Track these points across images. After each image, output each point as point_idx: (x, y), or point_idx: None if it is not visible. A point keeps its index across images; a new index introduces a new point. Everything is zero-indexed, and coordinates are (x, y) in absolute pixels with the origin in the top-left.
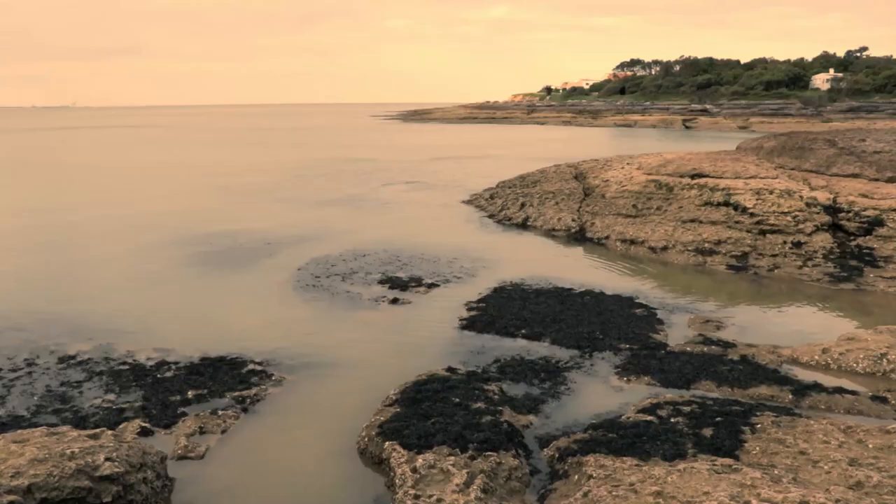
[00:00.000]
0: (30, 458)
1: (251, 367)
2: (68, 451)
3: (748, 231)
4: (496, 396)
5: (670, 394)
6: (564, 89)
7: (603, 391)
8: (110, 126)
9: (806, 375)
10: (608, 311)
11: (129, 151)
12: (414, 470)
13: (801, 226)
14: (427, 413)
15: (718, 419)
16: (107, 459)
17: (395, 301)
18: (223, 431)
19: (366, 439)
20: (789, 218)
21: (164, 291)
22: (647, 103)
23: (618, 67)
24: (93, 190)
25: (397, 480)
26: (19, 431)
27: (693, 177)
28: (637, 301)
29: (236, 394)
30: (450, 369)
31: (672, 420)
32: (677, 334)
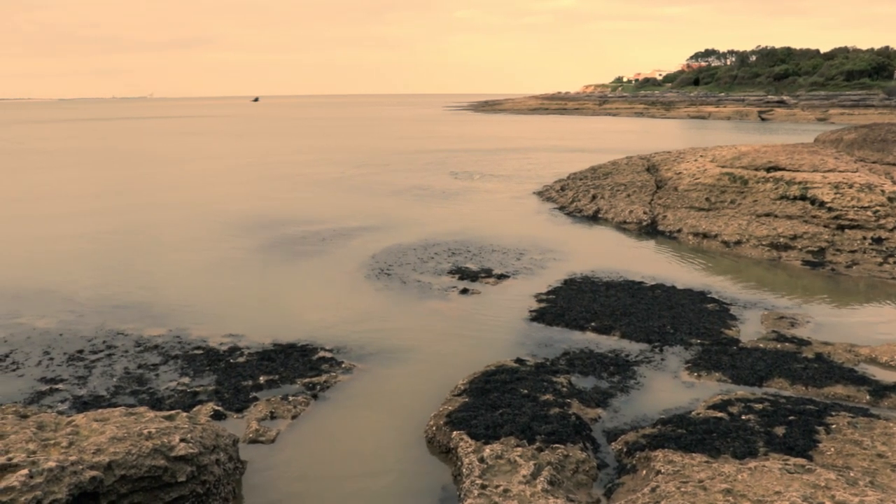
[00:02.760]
0: (110, 437)
1: (321, 354)
2: (145, 431)
3: (825, 226)
4: (564, 389)
5: (742, 391)
6: (637, 80)
7: (672, 386)
8: (184, 116)
9: (885, 376)
10: (679, 306)
11: (202, 140)
12: (481, 460)
13: (882, 221)
14: (495, 404)
15: (791, 418)
16: (182, 440)
17: (464, 291)
18: (293, 417)
19: (434, 428)
20: (870, 213)
21: (236, 278)
22: (722, 94)
23: (692, 58)
24: (167, 178)
25: (464, 470)
26: (100, 410)
27: (768, 170)
28: (709, 296)
29: (307, 380)
30: (518, 360)
31: (743, 417)
32: (750, 330)
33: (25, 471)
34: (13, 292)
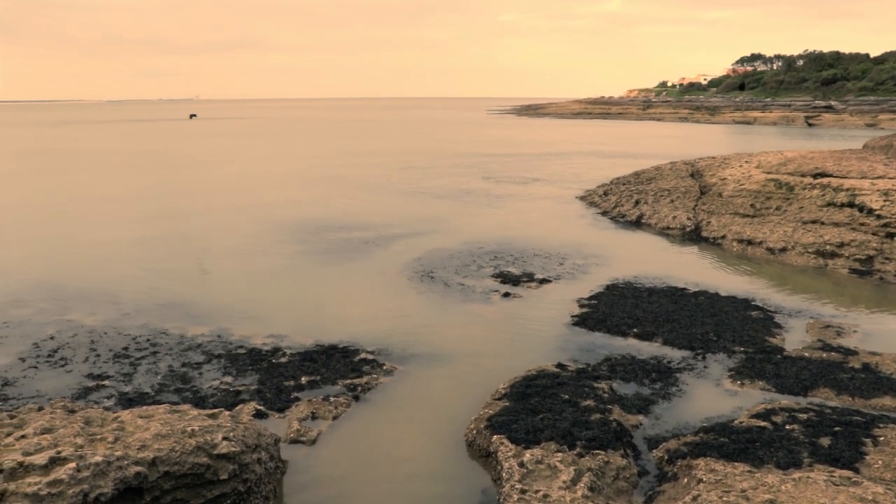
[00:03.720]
0: (154, 433)
1: (363, 355)
2: (189, 429)
3: (874, 234)
4: (606, 395)
5: (786, 400)
6: (681, 85)
7: (715, 394)
8: (229, 118)
9: None
10: (723, 313)
11: (246, 142)
12: (521, 464)
13: None
14: (536, 408)
15: (837, 429)
16: (224, 439)
17: (506, 295)
18: (334, 418)
19: (474, 432)
20: None
21: (279, 279)
22: (768, 100)
23: (737, 62)
24: (212, 181)
25: (504, 474)
26: (145, 407)
27: (815, 176)
28: (753, 303)
29: (348, 381)
30: (560, 365)
31: (787, 427)
32: (795, 339)
33: (73, 464)
34: (63, 290)
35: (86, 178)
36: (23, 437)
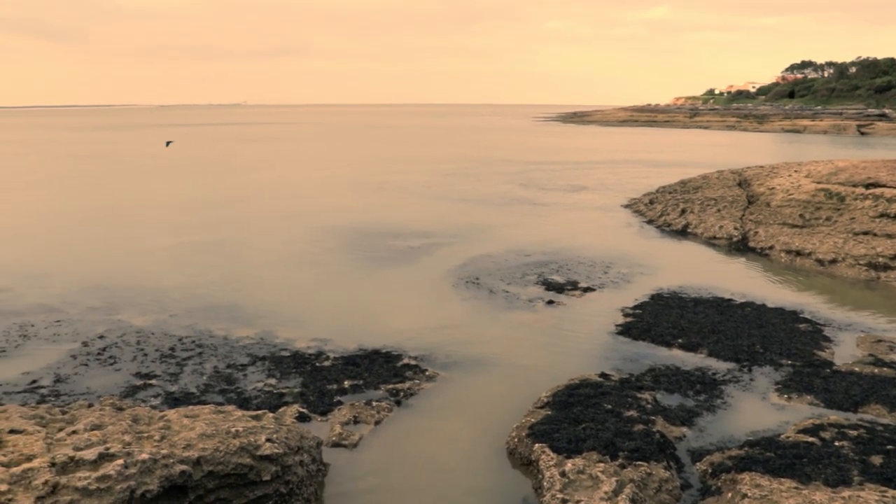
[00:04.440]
0: (199, 433)
1: (406, 361)
2: (233, 430)
3: None
4: (649, 405)
5: (835, 415)
6: (729, 92)
7: (761, 407)
8: (275, 122)
9: None
10: (770, 325)
11: (292, 147)
12: (563, 474)
13: None
14: (578, 418)
15: (890, 447)
16: (267, 440)
17: (550, 303)
18: (377, 422)
19: (515, 440)
20: None
21: (324, 283)
22: (819, 108)
23: (787, 70)
24: (261, 186)
25: (545, 483)
26: (190, 407)
27: (867, 186)
28: (801, 315)
29: (390, 386)
30: (603, 375)
31: (836, 444)
32: (845, 353)
33: (121, 461)
34: (112, 291)
35: (137, 182)
36: (74, 432)
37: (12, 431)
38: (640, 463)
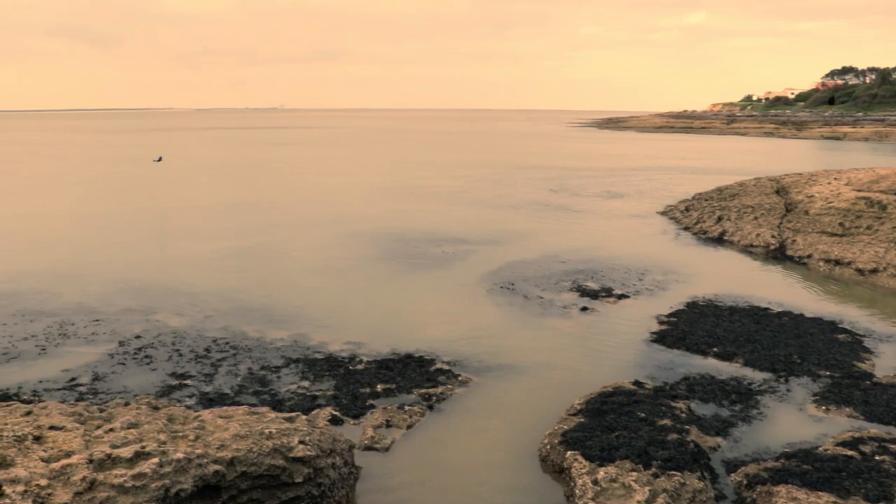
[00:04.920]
0: (233, 434)
1: (439, 365)
2: (266, 431)
3: None
4: (683, 415)
5: (875, 429)
6: (767, 99)
7: (798, 419)
8: (311, 126)
9: None
10: (807, 335)
11: (327, 152)
12: (595, 482)
13: None
14: (611, 425)
15: None
16: (300, 442)
17: (584, 309)
18: (408, 427)
19: (548, 447)
20: None
21: (358, 287)
22: (860, 114)
23: (827, 75)
24: (296, 190)
25: (577, 491)
26: (224, 408)
27: None
28: (840, 326)
29: (423, 391)
30: (636, 383)
31: (877, 458)
32: (886, 365)
33: (156, 459)
34: (150, 293)
35: (175, 186)
36: (111, 430)
37: (52, 428)
38: (673, 473)
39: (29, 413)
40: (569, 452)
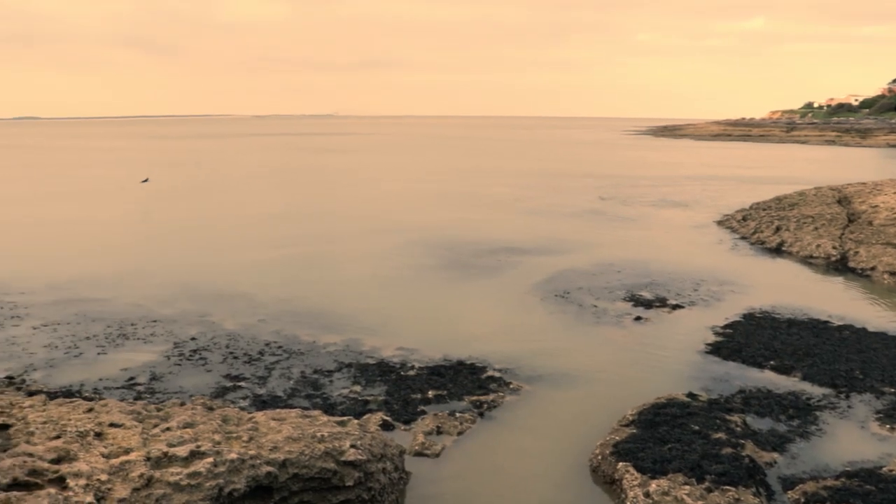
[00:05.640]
0: (286, 436)
1: (490, 373)
2: (318, 434)
3: None
4: (738, 428)
5: None
6: (829, 105)
7: (860, 437)
8: (366, 133)
9: None
10: (871, 350)
11: (381, 158)
12: (647, 494)
13: None
14: (664, 438)
15: None
16: (352, 446)
17: (637, 319)
18: (459, 433)
19: (599, 457)
20: None
21: (410, 293)
22: None
23: (893, 81)
24: (349, 196)
25: (628, 503)
26: (277, 410)
27: None
28: None
29: (474, 398)
30: (690, 395)
31: None
32: None
33: (211, 459)
34: (205, 295)
35: (230, 192)
36: (167, 429)
37: (112, 425)
38: (727, 487)
39: (90, 410)
40: (620, 464)
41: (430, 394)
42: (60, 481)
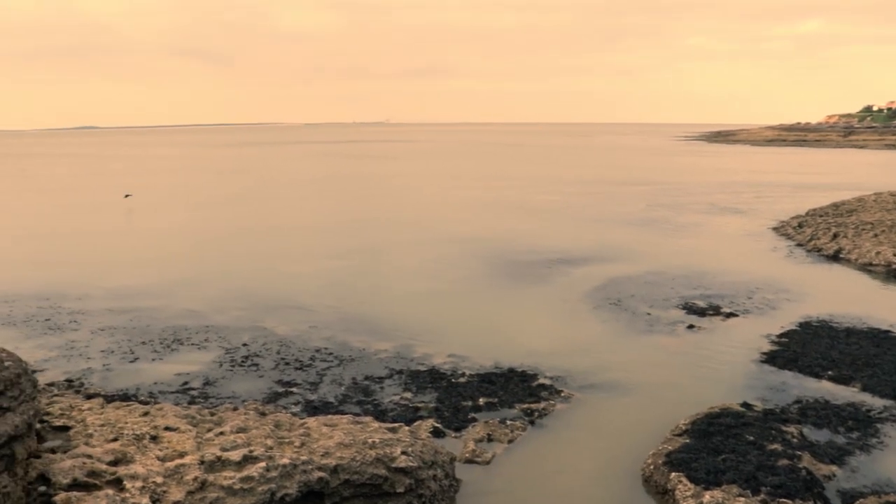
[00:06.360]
0: (337, 442)
1: (542, 380)
2: (370, 441)
3: None
4: (795, 440)
5: None
6: (889, 109)
7: None
8: (417, 140)
9: None
10: None
11: (432, 164)
12: None
13: None
14: (718, 448)
15: None
16: (403, 453)
17: (691, 327)
18: (510, 441)
19: (651, 467)
20: None
21: (461, 301)
22: None
23: None
24: (401, 203)
25: None
26: (329, 416)
27: None
28: None
29: (525, 406)
30: (745, 405)
31: None
32: None
33: (263, 464)
34: (257, 301)
35: (284, 199)
36: (221, 433)
37: (167, 429)
38: (783, 500)
39: (146, 414)
40: (673, 474)
41: (481, 401)
42: (118, 483)
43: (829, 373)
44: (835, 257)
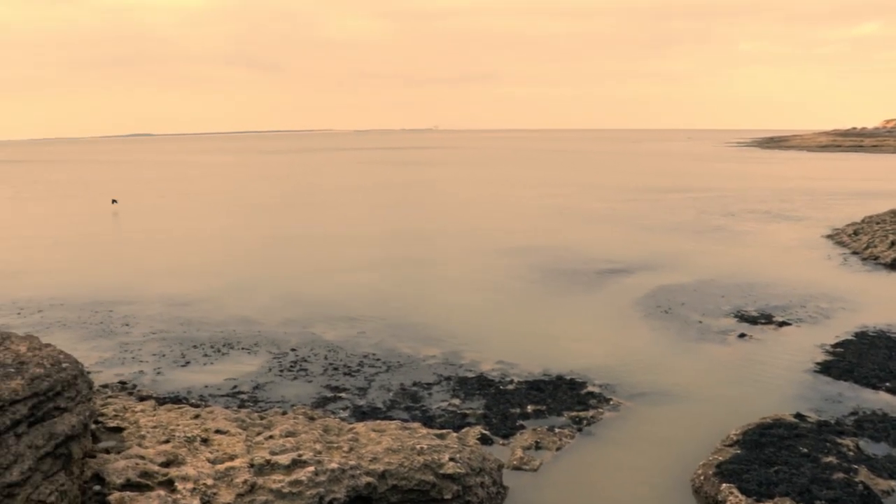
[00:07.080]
0: (385, 447)
1: (590, 388)
2: (418, 447)
3: None
4: (851, 453)
5: None
6: None
7: None
8: (465, 147)
9: None
10: None
11: (479, 171)
12: None
13: None
14: (770, 459)
15: None
16: (451, 459)
17: (742, 336)
18: (558, 449)
19: (701, 477)
20: None
21: (511, 308)
22: None
23: None
24: (450, 210)
25: None
26: (377, 421)
27: None
28: None
29: (573, 413)
30: (798, 415)
31: None
32: None
33: (312, 468)
34: (305, 307)
35: (334, 207)
36: (270, 437)
37: (218, 431)
38: None
39: (197, 416)
40: (724, 485)
41: (529, 408)
42: (169, 484)
43: (888, 384)
44: (893, 265)
